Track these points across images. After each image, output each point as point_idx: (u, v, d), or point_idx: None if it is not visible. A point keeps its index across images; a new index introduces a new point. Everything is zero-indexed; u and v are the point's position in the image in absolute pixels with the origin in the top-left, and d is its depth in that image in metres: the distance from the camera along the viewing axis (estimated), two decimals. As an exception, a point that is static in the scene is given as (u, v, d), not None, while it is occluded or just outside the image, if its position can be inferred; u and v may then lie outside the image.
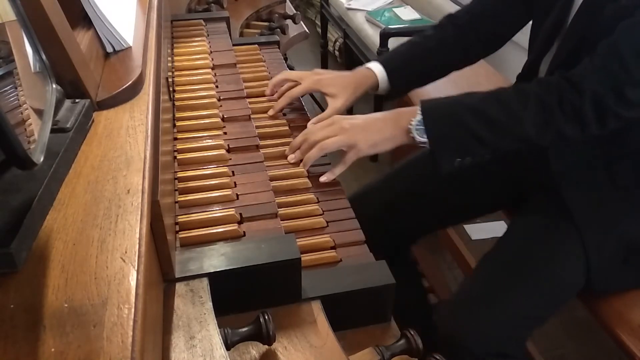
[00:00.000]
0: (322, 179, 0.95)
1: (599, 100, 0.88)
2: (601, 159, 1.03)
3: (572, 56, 0.97)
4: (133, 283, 0.45)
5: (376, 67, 1.14)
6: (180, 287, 0.67)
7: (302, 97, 1.15)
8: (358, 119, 0.98)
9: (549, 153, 1.04)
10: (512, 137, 0.94)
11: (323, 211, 0.89)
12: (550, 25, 1.04)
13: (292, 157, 0.98)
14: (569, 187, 1.04)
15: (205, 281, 0.68)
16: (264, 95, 1.16)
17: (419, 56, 1.18)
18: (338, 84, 1.11)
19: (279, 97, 1.12)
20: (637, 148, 1.02)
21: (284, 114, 1.12)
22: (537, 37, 1.10)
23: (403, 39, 1.26)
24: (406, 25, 2.39)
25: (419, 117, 0.94)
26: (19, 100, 0.57)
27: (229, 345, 0.62)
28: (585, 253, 1.01)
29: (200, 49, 1.26)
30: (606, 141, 1.01)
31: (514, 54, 1.61)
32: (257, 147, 0.98)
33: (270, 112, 1.10)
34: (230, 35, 1.38)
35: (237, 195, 0.86)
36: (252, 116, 1.06)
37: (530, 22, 1.15)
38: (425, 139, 0.94)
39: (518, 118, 0.92)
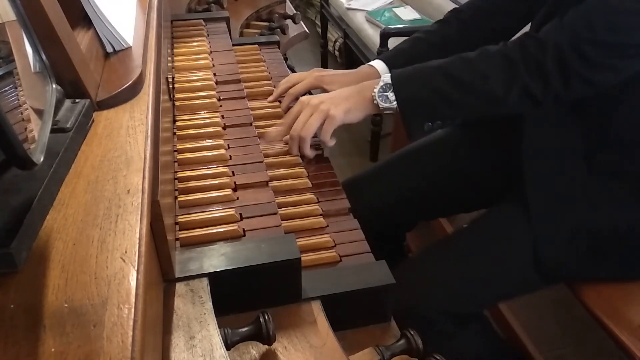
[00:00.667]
0: (307, 152, 0.98)
1: (561, 56, 0.88)
2: (581, 149, 1.02)
3: None
4: (133, 283, 0.45)
5: (379, 65, 1.14)
6: (180, 287, 0.67)
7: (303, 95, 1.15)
8: (326, 94, 1.02)
9: (524, 133, 1.04)
10: (479, 96, 0.94)
11: (323, 211, 0.89)
12: (542, 17, 1.04)
13: (297, 158, 0.99)
14: (536, 176, 1.03)
15: (205, 281, 0.68)
16: (264, 96, 1.16)
17: (422, 53, 1.17)
18: (340, 81, 1.11)
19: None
20: (618, 138, 1.01)
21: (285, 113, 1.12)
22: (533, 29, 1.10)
23: (403, 39, 1.25)
24: (406, 25, 2.39)
25: (381, 83, 0.96)
26: (19, 100, 0.57)
27: (229, 345, 0.62)
28: (533, 242, 1.01)
29: (200, 49, 1.26)
30: (587, 129, 1.00)
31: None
32: (258, 147, 0.98)
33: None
34: (230, 35, 1.38)
35: (237, 195, 0.86)
36: (252, 116, 1.06)
37: None
38: (388, 105, 0.96)
39: (483, 75, 0.93)
